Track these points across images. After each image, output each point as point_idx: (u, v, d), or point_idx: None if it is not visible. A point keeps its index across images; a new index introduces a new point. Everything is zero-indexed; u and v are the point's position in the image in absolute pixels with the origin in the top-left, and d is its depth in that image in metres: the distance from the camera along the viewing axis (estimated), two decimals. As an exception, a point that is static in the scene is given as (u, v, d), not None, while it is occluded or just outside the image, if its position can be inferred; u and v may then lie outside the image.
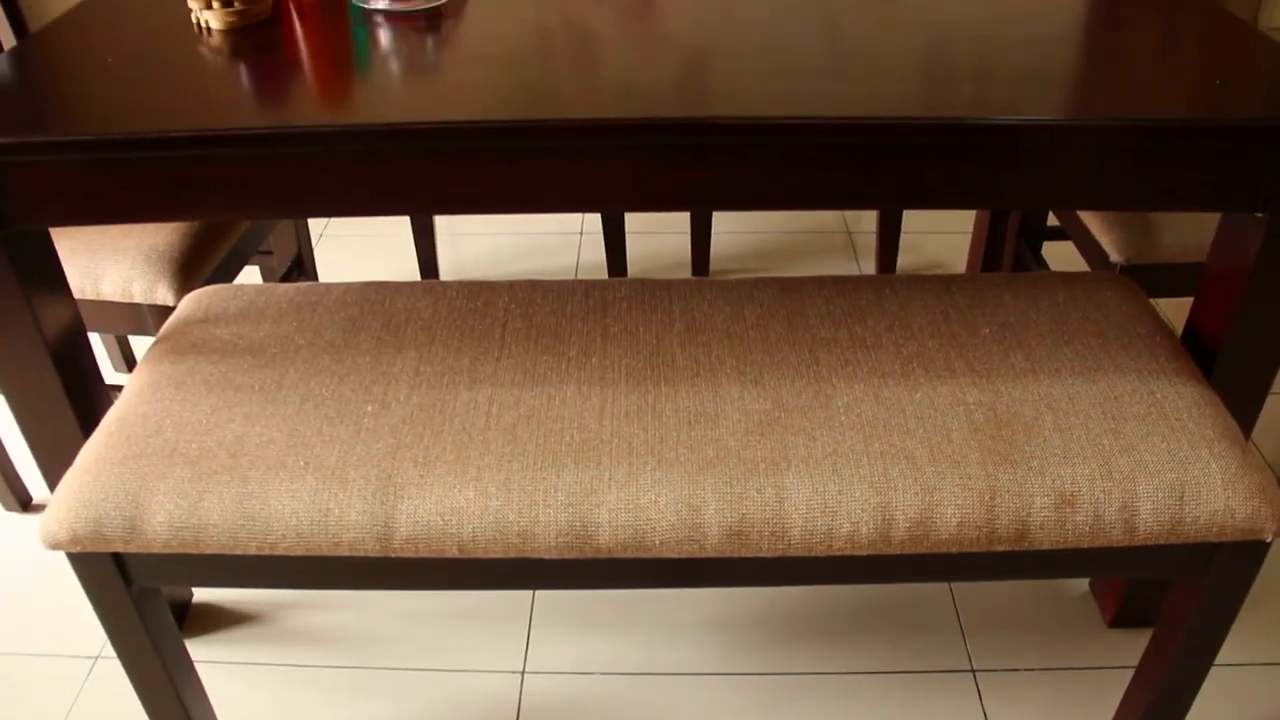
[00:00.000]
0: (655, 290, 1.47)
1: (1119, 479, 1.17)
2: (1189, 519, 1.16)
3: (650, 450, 1.19)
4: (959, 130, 1.17)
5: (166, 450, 1.21)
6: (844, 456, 1.18)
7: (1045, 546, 1.18)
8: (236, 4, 1.42)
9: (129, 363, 2.28)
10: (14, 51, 1.40)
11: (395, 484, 1.16)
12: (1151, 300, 2.29)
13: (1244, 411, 1.42)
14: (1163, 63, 1.31)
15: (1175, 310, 2.39)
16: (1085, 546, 1.18)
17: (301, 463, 1.19)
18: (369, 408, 1.26)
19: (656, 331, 1.38)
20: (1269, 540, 1.19)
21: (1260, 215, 1.24)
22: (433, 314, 1.43)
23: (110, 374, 2.28)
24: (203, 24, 1.44)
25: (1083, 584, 1.77)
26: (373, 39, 1.39)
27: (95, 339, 2.29)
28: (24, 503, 1.94)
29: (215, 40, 1.40)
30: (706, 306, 1.43)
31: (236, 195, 1.23)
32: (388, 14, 1.45)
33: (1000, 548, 1.18)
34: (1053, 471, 1.17)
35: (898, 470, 1.17)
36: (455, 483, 1.16)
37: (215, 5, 1.42)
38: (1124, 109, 1.18)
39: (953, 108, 1.18)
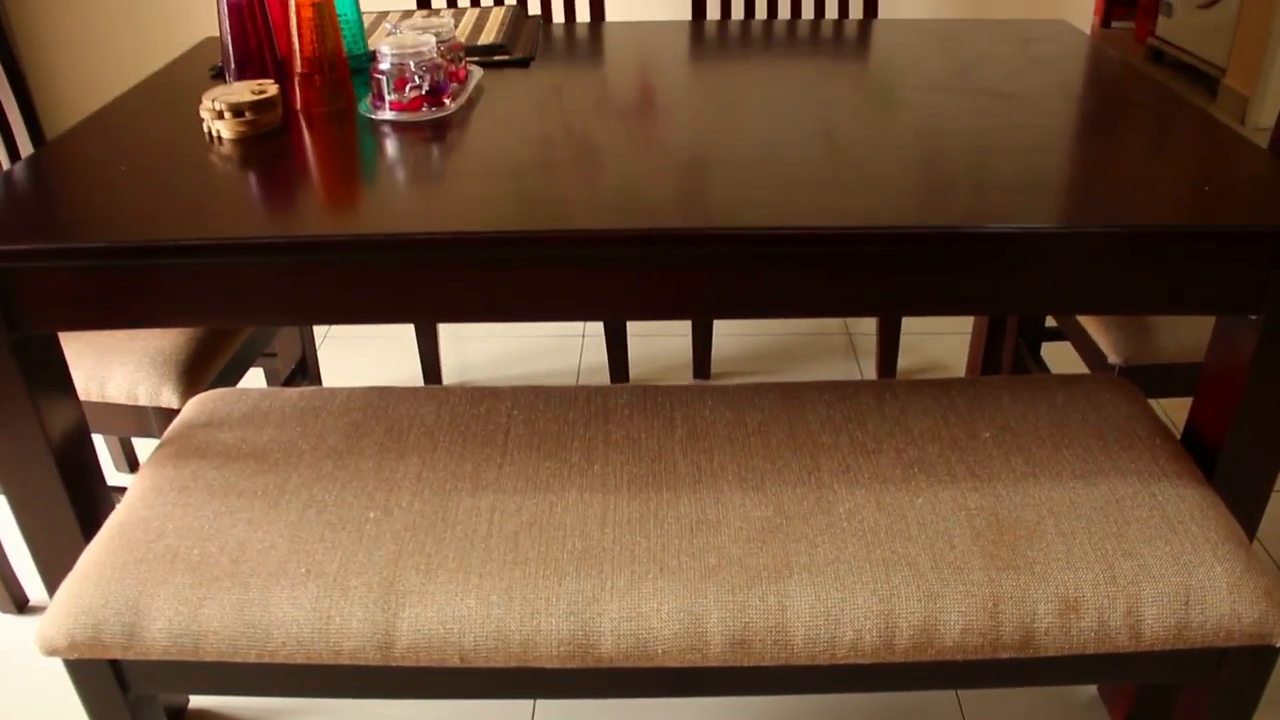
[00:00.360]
0: (657, 396, 1.48)
1: (1123, 584, 1.16)
2: (1195, 624, 1.15)
3: (652, 558, 1.19)
4: (954, 239, 1.19)
5: (168, 556, 1.21)
6: (846, 564, 1.18)
7: (1050, 653, 1.17)
8: (247, 114, 1.46)
9: (131, 463, 2.29)
10: (30, 159, 1.43)
11: (397, 591, 1.16)
12: (1151, 401, 2.30)
13: (1247, 512, 1.41)
14: (1153, 169, 1.33)
15: (1175, 409, 2.39)
16: (1091, 653, 1.17)
17: (303, 569, 1.18)
18: (371, 514, 1.26)
19: (658, 438, 1.39)
20: (1279, 645, 1.18)
21: (1255, 317, 1.26)
22: (436, 420, 1.43)
23: (112, 474, 2.27)
24: (214, 133, 1.47)
25: (1091, 688, 1.75)
26: (379, 148, 1.42)
27: (98, 438, 2.29)
28: (20, 604, 1.93)
29: (226, 149, 1.43)
30: (708, 412, 1.44)
31: (244, 302, 1.24)
32: (394, 124, 1.48)
33: (1005, 654, 1.17)
34: (1056, 577, 1.17)
35: (900, 577, 1.16)
36: (457, 591, 1.16)
37: (227, 115, 1.45)
38: (1116, 216, 1.21)
39: (948, 216, 1.20)
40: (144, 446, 2.37)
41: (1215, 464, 1.37)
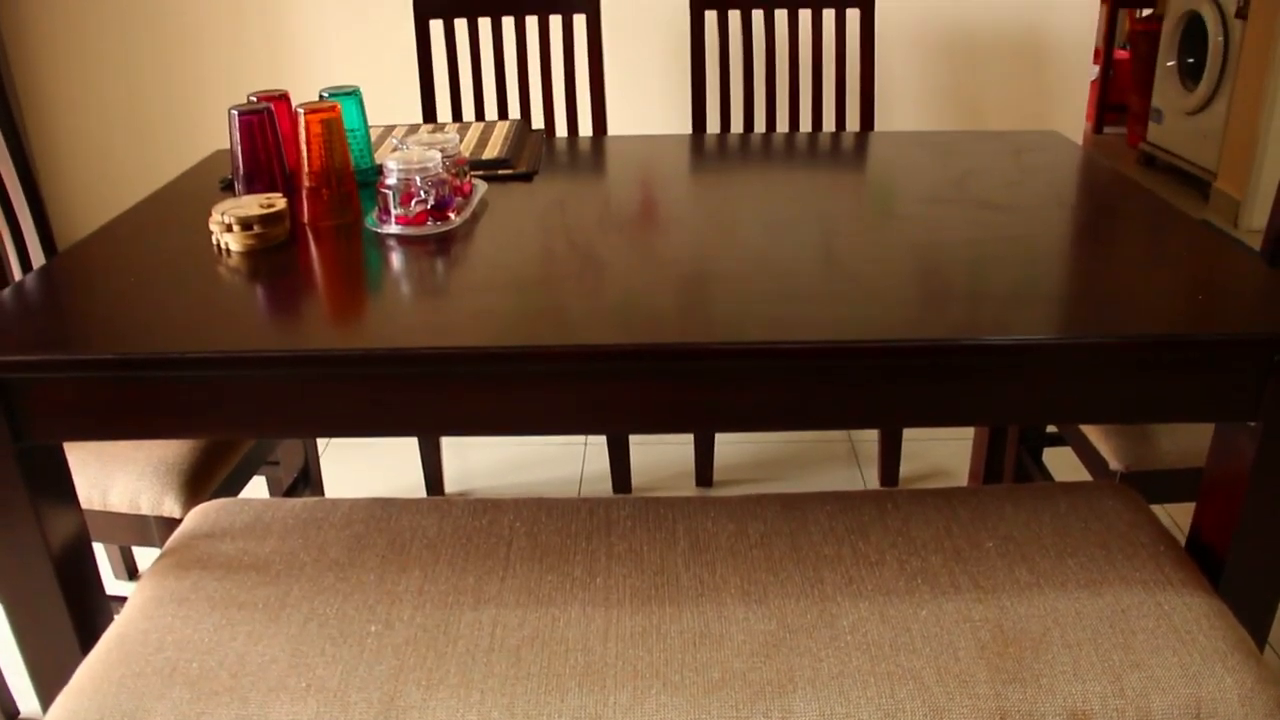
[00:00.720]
0: (659, 508, 1.48)
1: (1132, 696, 1.15)
2: (1206, 739, 1.14)
3: (655, 673, 1.18)
4: (952, 351, 1.20)
5: (166, 669, 1.19)
6: (850, 678, 1.17)
7: (1060, 770, 1.15)
8: (256, 228, 1.48)
9: (131, 570, 2.27)
10: (41, 270, 1.46)
11: (398, 707, 1.14)
12: (1154, 506, 2.30)
13: (1255, 620, 1.40)
14: (1147, 278, 1.35)
15: (1179, 514, 2.38)
16: (1101, 769, 1.16)
17: (303, 684, 1.17)
18: (373, 628, 1.25)
19: (660, 551, 1.39)
20: (1290, 761, 1.17)
21: (1253, 424, 1.26)
22: (438, 532, 1.43)
23: (112, 582, 2.26)
24: (222, 246, 1.50)
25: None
26: (385, 262, 1.45)
27: (98, 544, 2.28)
28: (11, 716, 1.90)
29: (234, 261, 1.46)
30: (710, 524, 1.44)
31: (249, 415, 1.25)
32: (400, 238, 1.51)
33: (1014, 771, 1.15)
34: (1063, 690, 1.15)
35: (905, 691, 1.15)
36: (459, 706, 1.14)
37: (235, 229, 1.48)
38: (1112, 326, 1.22)
39: (946, 329, 1.22)
40: (144, 554, 2.36)
41: (1221, 571, 1.37)
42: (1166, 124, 4.37)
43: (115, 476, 1.63)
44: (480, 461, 2.70)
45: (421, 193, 1.49)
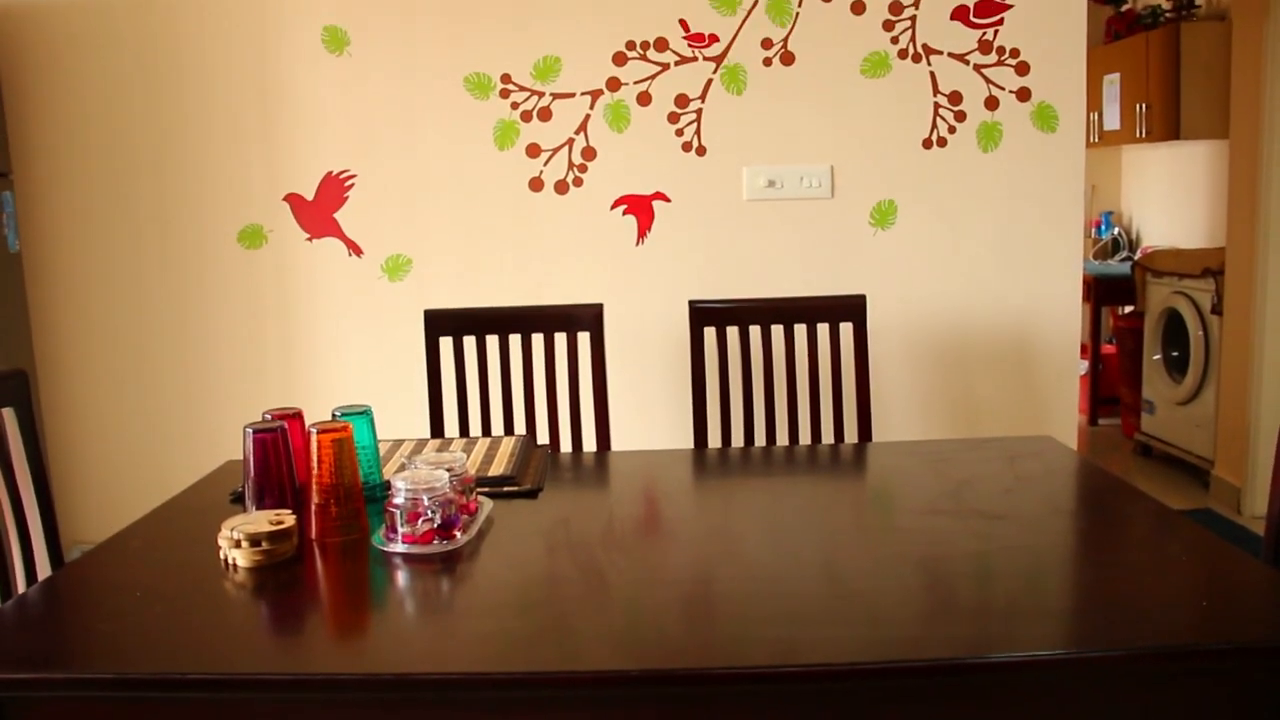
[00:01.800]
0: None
1: None
2: None
3: None
4: (957, 670, 1.19)
5: None
6: None
7: None
8: (264, 544, 1.50)
9: None
10: (46, 583, 1.47)
11: None
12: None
13: None
14: (1149, 586, 1.36)
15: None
16: None
17: None
18: None
19: None
20: None
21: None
22: None
23: None
24: (230, 561, 1.51)
25: None
26: (390, 581, 1.46)
27: None
28: None
29: (240, 577, 1.47)
30: None
31: (248, 739, 1.24)
32: (406, 556, 1.52)
33: None
34: None
35: None
36: None
37: (244, 545, 1.50)
38: (1119, 638, 1.22)
39: (951, 647, 1.21)
40: None
41: None
42: (1159, 414, 4.46)
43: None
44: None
45: (428, 512, 1.52)
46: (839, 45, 2.94)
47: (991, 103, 2.97)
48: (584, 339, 2.48)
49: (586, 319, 2.36)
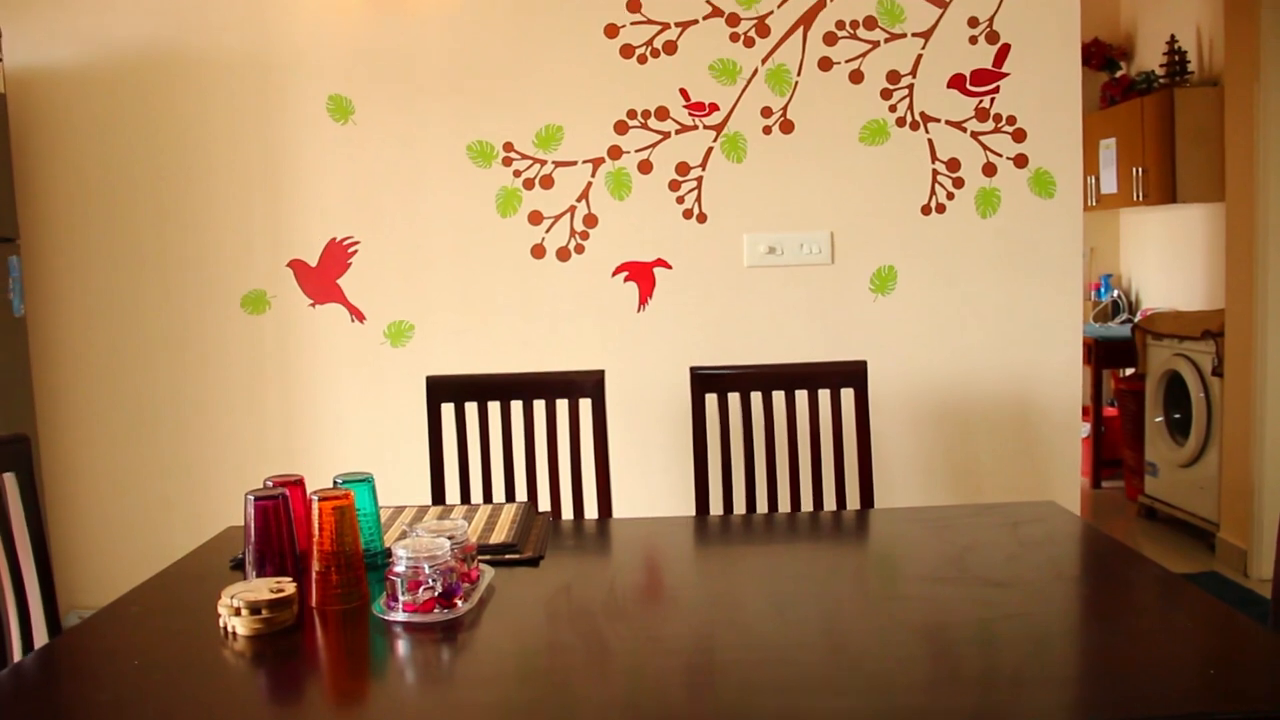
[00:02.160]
0: None
1: None
2: None
3: None
4: (963, 744, 1.19)
5: None
6: None
7: None
8: (264, 612, 1.50)
9: None
10: (43, 651, 1.46)
11: None
12: None
13: None
14: (1155, 653, 1.35)
15: None
16: None
17: None
18: None
19: None
20: None
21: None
22: None
23: None
24: (230, 629, 1.50)
25: None
26: (390, 651, 1.45)
27: None
28: None
29: (239, 645, 1.46)
30: None
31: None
32: (406, 624, 1.51)
33: None
34: None
35: None
36: None
37: (244, 613, 1.49)
38: (1127, 706, 1.21)
39: (956, 716, 1.20)
40: None
41: None
42: (1162, 477, 4.44)
43: None
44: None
45: (429, 580, 1.52)
46: (838, 113, 2.98)
47: (989, 169, 3.00)
48: (585, 405, 2.49)
49: (588, 385, 2.37)
